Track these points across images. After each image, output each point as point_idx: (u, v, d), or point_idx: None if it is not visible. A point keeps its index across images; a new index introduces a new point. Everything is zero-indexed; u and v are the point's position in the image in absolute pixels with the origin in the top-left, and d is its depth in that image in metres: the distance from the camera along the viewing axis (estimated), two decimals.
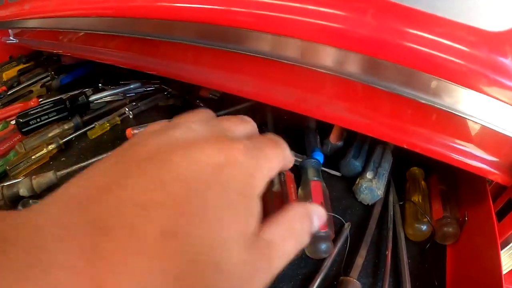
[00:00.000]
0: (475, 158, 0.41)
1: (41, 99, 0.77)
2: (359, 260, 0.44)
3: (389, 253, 0.46)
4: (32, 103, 0.76)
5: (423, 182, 0.54)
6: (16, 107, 0.74)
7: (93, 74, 0.84)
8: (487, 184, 0.47)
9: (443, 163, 0.42)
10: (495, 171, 0.42)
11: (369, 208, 0.52)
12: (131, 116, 0.70)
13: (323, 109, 0.46)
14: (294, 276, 0.44)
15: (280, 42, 0.44)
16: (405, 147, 0.43)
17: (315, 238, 0.44)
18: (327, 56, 0.42)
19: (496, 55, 0.35)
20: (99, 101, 0.74)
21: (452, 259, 0.47)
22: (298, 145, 0.61)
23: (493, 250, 0.39)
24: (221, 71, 0.53)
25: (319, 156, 0.56)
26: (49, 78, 0.85)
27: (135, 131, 0.65)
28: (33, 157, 0.61)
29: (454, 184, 0.53)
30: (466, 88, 0.37)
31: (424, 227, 0.47)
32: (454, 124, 0.41)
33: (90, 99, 0.72)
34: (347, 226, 0.48)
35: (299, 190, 0.52)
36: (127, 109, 0.71)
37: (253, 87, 0.50)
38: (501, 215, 0.44)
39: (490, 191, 0.46)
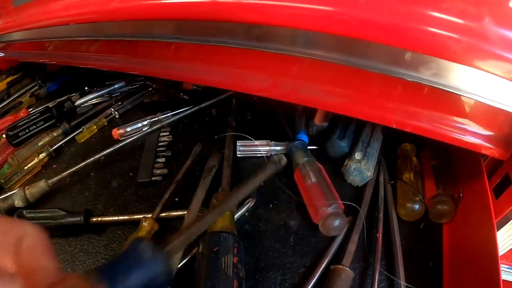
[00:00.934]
0: (469, 133, 0.38)
1: (31, 109, 0.76)
2: (352, 247, 0.42)
3: (380, 236, 0.44)
4: (22, 114, 0.75)
5: (414, 159, 0.50)
6: (7, 120, 0.73)
7: (79, 78, 0.83)
8: (481, 159, 0.44)
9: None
10: (490, 145, 0.39)
11: (359, 190, 0.50)
12: (117, 116, 0.69)
13: (298, 93, 0.43)
14: (282, 265, 0.42)
15: (251, 28, 0.41)
16: (394, 127, 0.40)
17: (325, 216, 0.42)
18: (300, 39, 0.39)
19: (487, 24, 0.31)
20: (85, 104, 0.72)
21: (448, 238, 0.44)
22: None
23: (489, 228, 0.37)
24: (195, 64, 0.50)
25: (303, 138, 0.54)
26: (37, 87, 0.84)
27: (121, 131, 0.63)
28: (25, 167, 0.61)
29: (447, 158, 0.49)
30: (446, 60, 0.34)
31: (416, 206, 0.45)
32: (445, 99, 0.38)
33: (76, 103, 0.70)
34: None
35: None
36: (113, 109, 0.69)
37: (226, 77, 0.47)
38: (498, 191, 0.41)
39: (486, 167, 0.43)
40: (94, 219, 0.49)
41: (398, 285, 0.39)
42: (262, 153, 0.55)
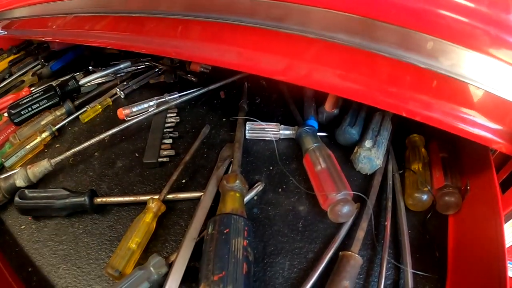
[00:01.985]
0: (478, 126, 0.37)
1: (33, 88, 0.74)
2: (360, 234, 0.41)
3: (388, 224, 0.43)
4: (23, 93, 0.72)
5: (423, 150, 0.49)
6: (8, 99, 0.70)
7: (83, 58, 0.80)
8: (490, 152, 0.42)
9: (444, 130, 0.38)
10: (499, 139, 0.37)
11: (368, 177, 0.49)
12: (122, 96, 0.67)
13: (312, 77, 0.41)
14: (290, 250, 0.41)
15: (263, 6, 0.39)
16: (404, 115, 0.39)
17: (334, 203, 0.41)
18: (316, 20, 0.37)
19: (500, 11, 0.30)
20: (90, 84, 0.70)
21: (454, 229, 0.43)
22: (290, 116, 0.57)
23: (496, 221, 0.36)
24: (206, 43, 0.48)
25: (313, 123, 0.52)
26: (39, 66, 0.81)
27: (127, 111, 0.61)
28: (27, 146, 0.59)
29: (455, 151, 0.48)
30: (468, 49, 0.32)
31: (424, 197, 0.44)
32: (456, 90, 0.36)
33: (80, 82, 0.68)
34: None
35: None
36: (118, 89, 0.67)
37: (238, 57, 0.45)
38: (505, 186, 0.40)
39: (494, 160, 0.42)
40: (98, 200, 0.48)
41: (405, 272, 0.39)
42: (271, 137, 0.53)
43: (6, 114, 0.64)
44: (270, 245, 0.42)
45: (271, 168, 0.50)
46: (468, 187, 0.43)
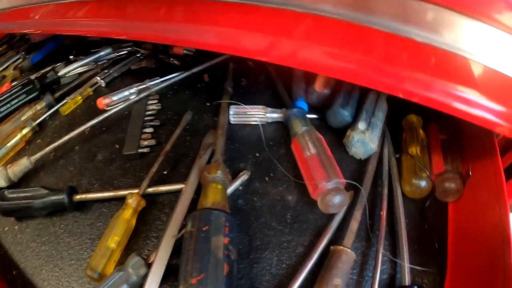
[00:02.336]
0: (480, 107, 0.33)
1: (15, 83, 0.70)
2: (354, 225, 0.38)
3: (384, 214, 0.40)
4: (4, 89, 0.68)
5: (421, 131, 0.45)
6: None
7: (63, 48, 0.75)
8: (494, 136, 0.38)
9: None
10: (503, 122, 0.33)
11: (362, 163, 0.45)
12: (103, 85, 0.62)
13: (299, 56, 0.37)
14: (278, 244, 0.38)
15: None
16: (400, 96, 0.34)
17: (324, 192, 0.38)
18: None
19: None
20: (70, 74, 0.65)
21: (454, 218, 0.40)
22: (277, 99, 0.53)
23: (501, 209, 0.33)
24: (184, 25, 0.43)
25: (303, 105, 0.48)
26: (21, 59, 0.77)
27: (106, 100, 0.57)
28: (8, 144, 0.55)
29: (456, 133, 0.44)
30: (474, 19, 0.28)
31: (423, 183, 0.40)
32: (456, 67, 0.32)
33: (60, 73, 0.63)
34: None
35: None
36: (98, 78, 0.62)
37: (219, 38, 0.40)
38: (509, 172, 0.36)
39: (498, 144, 0.38)
40: (77, 197, 0.44)
41: (402, 267, 0.36)
42: (257, 121, 0.49)
43: None
44: (256, 239, 0.39)
45: (257, 155, 0.46)
46: (470, 173, 0.39)
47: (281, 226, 0.39)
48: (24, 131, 0.56)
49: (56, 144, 0.51)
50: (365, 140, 0.43)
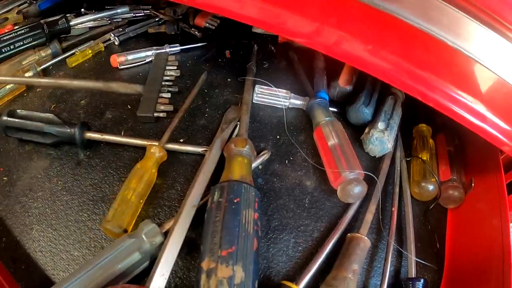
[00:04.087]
0: (491, 123, 0.33)
1: (17, 27, 0.61)
2: (369, 216, 0.37)
3: (395, 210, 0.39)
4: (6, 30, 0.60)
5: (431, 140, 0.45)
6: None
7: None
8: (499, 153, 0.39)
9: (451, 122, 0.33)
10: (509, 142, 0.34)
11: (374, 161, 0.44)
12: (116, 43, 0.56)
13: (341, 47, 0.35)
14: (296, 227, 0.36)
15: None
16: (431, 105, 0.33)
17: (346, 181, 0.36)
18: None
19: None
20: (81, 26, 0.57)
21: (453, 223, 0.40)
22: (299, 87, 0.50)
23: (502, 222, 0.33)
24: None
25: (325, 96, 0.46)
26: (27, 4, 0.67)
27: (121, 58, 0.51)
28: (7, 87, 0.48)
29: (462, 146, 0.45)
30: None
31: (431, 187, 0.40)
32: (476, 81, 0.32)
33: (71, 23, 0.56)
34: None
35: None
36: (112, 35, 0.56)
37: (261, 12, 0.36)
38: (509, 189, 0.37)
39: (502, 160, 0.38)
40: (89, 134, 0.40)
41: (409, 260, 0.35)
42: (280, 104, 0.46)
43: None
44: (274, 220, 0.36)
45: (277, 137, 0.44)
46: (473, 184, 0.39)
47: (299, 209, 0.37)
48: (27, 75, 0.49)
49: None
50: (383, 138, 0.42)
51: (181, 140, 0.42)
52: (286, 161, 0.41)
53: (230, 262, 0.26)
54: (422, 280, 0.33)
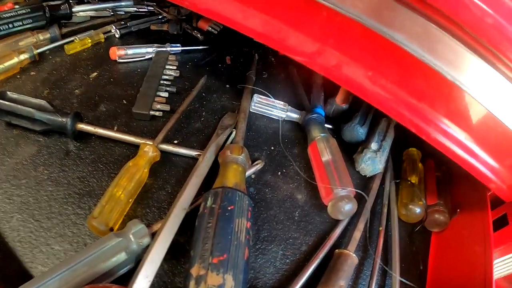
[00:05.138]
0: (481, 160, 0.35)
1: (17, 6, 0.59)
2: (357, 234, 0.37)
3: (382, 230, 0.40)
4: (6, 8, 0.58)
5: (420, 164, 0.47)
6: None
7: None
8: (487, 191, 0.40)
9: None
10: (497, 180, 0.36)
11: (365, 179, 0.45)
12: (117, 35, 0.55)
13: (341, 71, 0.35)
14: (285, 239, 0.36)
15: None
16: (424, 138, 0.35)
17: (338, 198, 0.36)
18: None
19: None
20: (83, 14, 0.56)
21: (436, 246, 0.41)
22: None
23: (486, 249, 0.34)
24: (233, 2, 0.39)
25: (321, 112, 0.47)
26: None
27: (121, 52, 0.51)
28: (1, 66, 0.46)
29: (449, 172, 0.46)
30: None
31: (418, 210, 0.41)
32: (470, 117, 0.34)
33: (74, 9, 0.55)
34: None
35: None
36: (114, 27, 0.55)
37: (264, 26, 0.36)
38: (498, 224, 0.38)
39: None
40: (81, 126, 0.39)
41: (393, 279, 0.36)
42: (277, 115, 0.47)
43: None
44: (264, 230, 0.36)
45: (272, 148, 0.44)
46: (458, 210, 0.41)
47: (289, 222, 0.37)
48: (22, 56, 0.48)
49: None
50: (375, 159, 0.43)
51: (175, 142, 0.42)
52: (279, 172, 0.42)
53: (221, 270, 0.25)
54: None
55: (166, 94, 0.46)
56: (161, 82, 0.47)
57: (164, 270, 0.32)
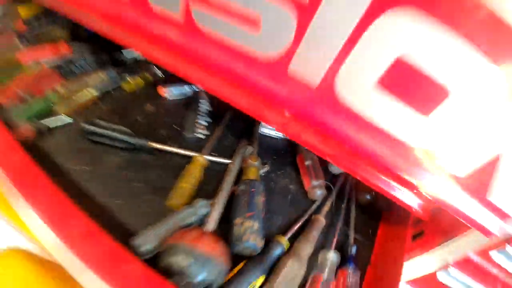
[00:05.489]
0: (408, 197, 0.47)
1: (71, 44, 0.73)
2: (326, 208, 0.61)
3: (343, 206, 0.64)
4: (62, 49, 0.72)
5: None
6: (46, 49, 0.71)
7: None
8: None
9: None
10: (419, 210, 0.49)
11: (334, 176, 0.69)
12: (160, 75, 0.77)
13: (301, 137, 0.46)
14: (283, 212, 0.60)
15: None
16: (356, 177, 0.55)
17: (313, 186, 0.60)
18: None
19: None
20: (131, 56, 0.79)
21: (381, 229, 0.65)
22: None
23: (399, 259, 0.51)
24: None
25: None
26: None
27: (166, 90, 0.73)
28: (74, 98, 0.65)
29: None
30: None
31: (368, 196, 0.65)
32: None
33: (128, 57, 0.78)
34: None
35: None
36: (156, 68, 0.78)
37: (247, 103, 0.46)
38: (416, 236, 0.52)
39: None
40: (152, 144, 0.60)
41: (350, 235, 0.59)
42: (278, 136, 0.71)
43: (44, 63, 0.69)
44: (270, 206, 0.59)
45: (274, 157, 0.68)
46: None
47: (284, 201, 0.61)
48: (92, 91, 0.68)
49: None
50: None
51: (213, 153, 0.65)
52: (279, 172, 0.66)
53: (251, 220, 0.49)
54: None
55: (205, 123, 0.69)
56: (198, 114, 0.70)
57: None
